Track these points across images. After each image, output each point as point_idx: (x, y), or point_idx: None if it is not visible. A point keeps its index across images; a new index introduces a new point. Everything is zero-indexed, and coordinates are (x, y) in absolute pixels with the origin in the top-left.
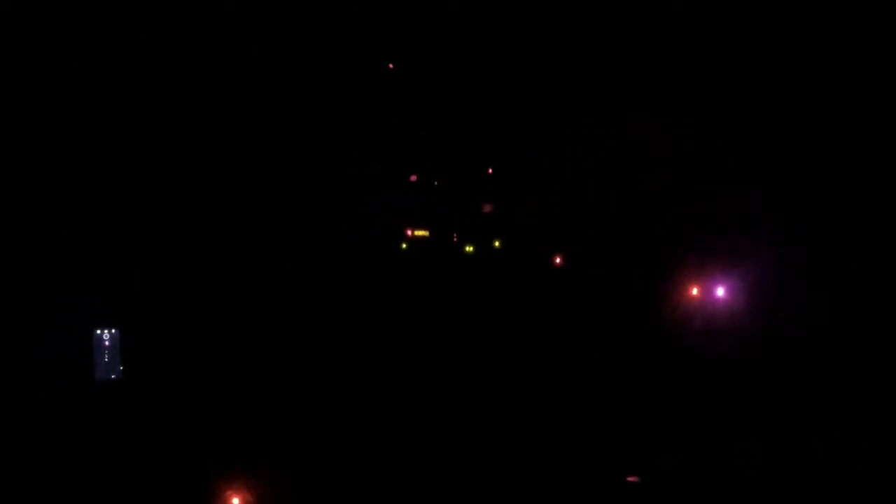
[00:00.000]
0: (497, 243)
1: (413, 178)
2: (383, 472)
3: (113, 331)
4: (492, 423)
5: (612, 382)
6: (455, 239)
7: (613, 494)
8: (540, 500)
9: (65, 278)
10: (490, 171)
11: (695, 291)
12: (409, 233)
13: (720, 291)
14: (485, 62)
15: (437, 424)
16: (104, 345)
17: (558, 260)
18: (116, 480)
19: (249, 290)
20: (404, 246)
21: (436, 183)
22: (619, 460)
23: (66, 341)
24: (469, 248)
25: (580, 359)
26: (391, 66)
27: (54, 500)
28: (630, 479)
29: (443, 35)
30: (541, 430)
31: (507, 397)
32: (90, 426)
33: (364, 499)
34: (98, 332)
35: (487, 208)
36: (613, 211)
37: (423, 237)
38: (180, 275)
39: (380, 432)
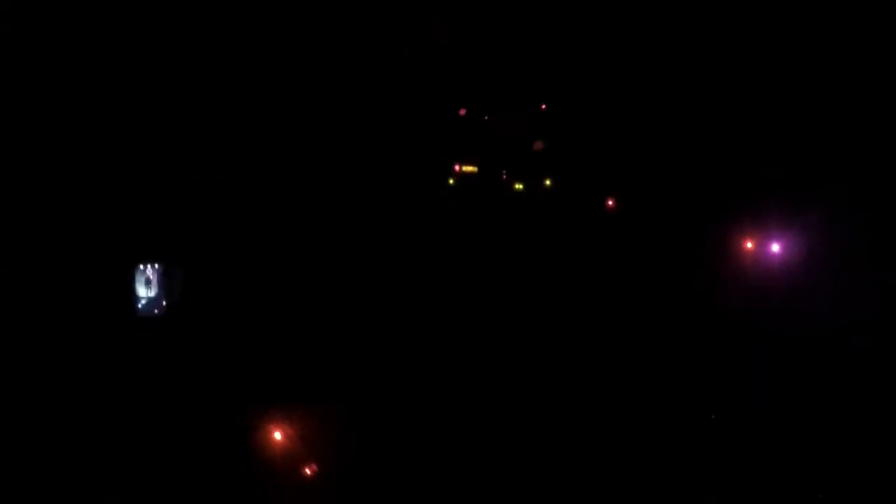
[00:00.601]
0: (548, 182)
1: (462, 112)
2: (428, 416)
3: (156, 265)
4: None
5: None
6: (504, 176)
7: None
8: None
9: (108, 209)
10: (543, 107)
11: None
12: (458, 168)
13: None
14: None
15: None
16: (146, 280)
17: (611, 202)
18: (156, 415)
19: (293, 221)
20: (452, 181)
21: (486, 118)
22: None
23: (108, 274)
24: (519, 186)
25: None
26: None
27: (94, 434)
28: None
29: None
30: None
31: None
32: (132, 362)
33: (410, 438)
34: (140, 266)
35: (539, 146)
36: (670, 154)
37: (471, 173)
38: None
39: (426, 375)
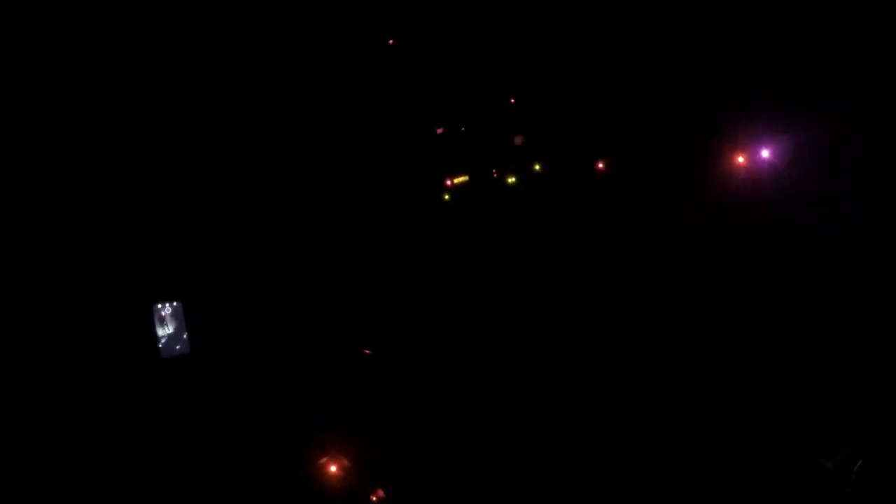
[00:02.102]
0: (537, 166)
1: (439, 130)
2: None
3: (175, 304)
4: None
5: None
6: (495, 174)
7: None
8: None
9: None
10: (512, 101)
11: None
12: (449, 182)
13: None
14: None
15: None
16: (166, 319)
17: (601, 165)
18: (199, 455)
19: (311, 247)
20: (447, 196)
21: (462, 129)
22: None
23: (126, 316)
24: (511, 180)
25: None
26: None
27: (135, 478)
28: None
29: None
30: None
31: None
32: (161, 404)
33: (464, 465)
34: (158, 305)
35: (519, 140)
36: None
37: (463, 183)
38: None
39: (469, 394)
